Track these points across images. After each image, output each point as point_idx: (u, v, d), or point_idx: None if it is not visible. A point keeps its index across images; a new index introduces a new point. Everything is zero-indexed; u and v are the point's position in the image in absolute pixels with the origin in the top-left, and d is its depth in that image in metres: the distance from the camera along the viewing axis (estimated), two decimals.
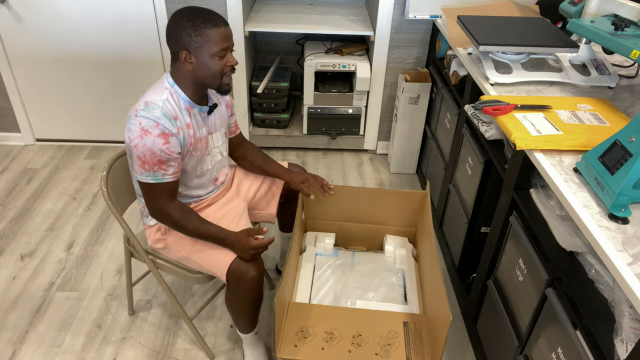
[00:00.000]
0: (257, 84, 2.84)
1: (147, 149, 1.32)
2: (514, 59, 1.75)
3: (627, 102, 1.59)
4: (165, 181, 1.39)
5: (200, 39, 1.32)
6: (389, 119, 2.89)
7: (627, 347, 0.96)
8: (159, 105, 1.34)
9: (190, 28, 1.31)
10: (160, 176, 1.38)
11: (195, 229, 1.45)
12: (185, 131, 1.39)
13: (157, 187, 1.39)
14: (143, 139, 1.32)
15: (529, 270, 1.35)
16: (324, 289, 1.63)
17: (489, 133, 1.61)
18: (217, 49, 1.33)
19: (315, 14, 2.83)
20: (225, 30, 1.34)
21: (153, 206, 1.44)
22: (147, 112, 1.33)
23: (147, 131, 1.32)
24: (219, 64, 1.35)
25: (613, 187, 1.07)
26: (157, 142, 1.32)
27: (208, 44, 1.32)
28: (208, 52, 1.33)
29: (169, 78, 1.40)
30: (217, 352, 1.79)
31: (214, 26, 1.32)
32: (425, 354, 1.41)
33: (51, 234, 2.30)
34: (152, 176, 1.37)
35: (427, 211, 1.68)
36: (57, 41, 2.66)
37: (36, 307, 1.94)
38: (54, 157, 2.86)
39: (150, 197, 1.42)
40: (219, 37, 1.32)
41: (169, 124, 1.34)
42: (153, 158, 1.34)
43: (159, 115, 1.33)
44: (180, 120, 1.37)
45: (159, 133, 1.32)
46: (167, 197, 1.42)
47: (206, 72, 1.36)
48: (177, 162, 1.40)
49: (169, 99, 1.37)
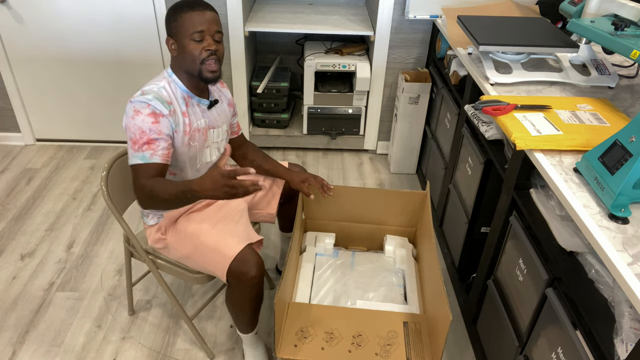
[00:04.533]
0: (257, 84, 2.84)
1: (137, 127, 1.33)
2: (514, 59, 1.75)
3: (627, 102, 1.59)
4: (153, 161, 1.34)
5: (177, 24, 1.36)
6: (389, 119, 2.89)
7: (627, 347, 0.96)
8: (154, 91, 1.38)
9: (171, 14, 1.37)
10: (148, 156, 1.33)
11: (165, 190, 1.29)
12: (179, 117, 1.40)
13: (145, 168, 1.33)
14: (134, 119, 1.34)
15: (529, 270, 1.35)
16: (324, 289, 1.63)
17: (489, 133, 1.61)
18: (192, 30, 1.35)
19: (315, 14, 2.83)
20: (204, 14, 1.36)
21: (136, 186, 1.35)
22: (142, 97, 1.36)
23: (138, 111, 1.34)
24: (197, 47, 1.36)
25: (613, 187, 1.07)
26: (146, 121, 1.33)
27: (183, 27, 1.35)
28: (184, 35, 1.36)
29: (168, 69, 1.45)
30: (217, 352, 1.79)
31: (190, 9, 1.35)
32: (425, 354, 1.41)
33: (51, 234, 2.30)
34: (140, 157, 1.33)
35: (427, 211, 1.68)
36: (57, 41, 2.66)
37: (36, 307, 1.94)
38: (54, 157, 2.86)
39: (137, 180, 1.35)
40: (194, 20, 1.35)
41: (160, 105, 1.36)
42: (142, 137, 1.33)
43: (151, 97, 1.36)
44: (174, 105, 1.40)
45: (149, 112, 1.34)
46: (149, 177, 1.34)
47: (186, 57, 1.38)
48: (166, 142, 1.36)
49: (166, 87, 1.41)
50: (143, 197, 1.35)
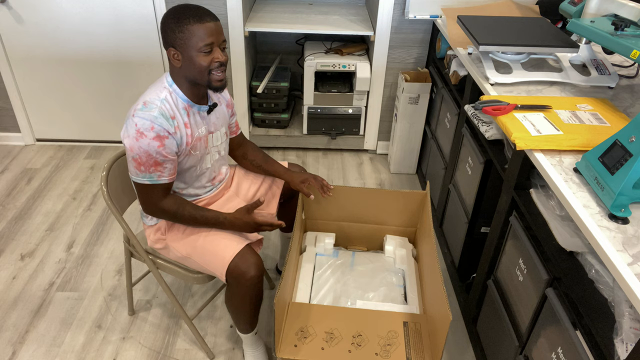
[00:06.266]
0: (257, 84, 2.84)
1: (143, 151, 1.32)
2: (514, 59, 1.75)
3: (627, 102, 1.59)
4: (160, 182, 1.40)
5: (183, 35, 1.31)
6: (389, 119, 2.89)
7: (627, 347, 0.96)
8: (157, 105, 1.34)
9: (175, 25, 1.31)
10: (156, 177, 1.38)
11: (192, 217, 1.46)
12: (182, 130, 1.39)
13: (153, 188, 1.40)
14: (138, 141, 1.32)
15: (529, 270, 1.35)
16: (324, 289, 1.63)
17: (489, 133, 1.61)
18: (202, 44, 1.31)
19: (315, 14, 2.83)
20: (210, 25, 1.32)
21: (148, 204, 1.44)
22: (145, 112, 1.33)
23: (142, 133, 1.31)
24: (205, 59, 1.33)
25: (613, 187, 1.07)
26: (152, 145, 1.32)
27: (192, 40, 1.31)
28: (193, 48, 1.31)
29: (168, 77, 1.41)
30: (217, 352, 1.79)
31: (197, 21, 1.30)
32: (425, 354, 1.41)
33: (51, 234, 2.30)
34: (147, 177, 1.37)
35: (427, 211, 1.68)
36: (57, 41, 2.66)
37: (36, 307, 1.94)
38: (54, 157, 2.86)
39: (145, 197, 1.43)
40: (202, 33, 1.30)
41: (166, 124, 1.33)
42: (149, 160, 1.34)
43: (156, 114, 1.33)
44: (177, 119, 1.37)
45: (154, 136, 1.32)
46: (161, 195, 1.43)
47: (193, 69, 1.35)
48: (173, 163, 1.40)
49: (168, 98, 1.37)
50: (160, 216, 1.48)
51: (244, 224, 1.48)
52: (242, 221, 1.48)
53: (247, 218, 1.48)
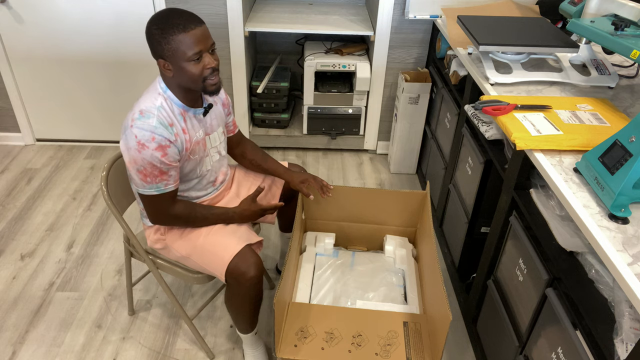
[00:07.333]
0: (257, 84, 2.84)
1: (147, 162, 1.32)
2: (514, 59, 1.75)
3: (627, 102, 1.59)
4: (168, 190, 1.40)
5: (170, 47, 1.26)
6: (389, 119, 2.89)
7: (627, 347, 0.96)
8: (154, 114, 1.32)
9: (160, 36, 1.26)
10: (163, 186, 1.38)
11: (204, 217, 1.50)
12: (181, 137, 1.38)
13: (161, 197, 1.40)
14: (141, 152, 1.31)
15: (529, 270, 1.35)
16: (324, 289, 1.63)
17: (489, 133, 1.61)
18: (190, 53, 1.26)
19: (315, 14, 2.83)
20: (196, 32, 1.26)
21: (159, 215, 1.45)
22: (143, 121, 1.31)
23: (143, 145, 1.30)
24: (197, 68, 1.29)
25: (613, 187, 1.07)
26: (155, 155, 1.31)
27: (179, 51, 1.26)
28: (181, 58, 1.27)
29: (161, 83, 1.38)
30: (217, 352, 1.79)
31: (182, 30, 1.25)
32: (425, 354, 1.41)
33: (51, 234, 2.30)
34: (155, 188, 1.37)
35: (427, 211, 1.67)
36: (57, 41, 2.66)
37: (36, 307, 1.94)
38: (54, 157, 2.86)
39: (154, 208, 1.43)
40: (189, 42, 1.26)
41: (166, 132, 1.32)
42: (154, 170, 1.34)
43: (155, 124, 1.31)
44: (176, 126, 1.36)
45: (156, 146, 1.31)
46: (171, 202, 1.44)
47: (186, 78, 1.31)
48: (176, 170, 1.41)
49: (164, 105, 1.35)
50: (172, 223, 1.50)
51: (252, 212, 1.57)
52: (250, 210, 1.57)
53: (254, 207, 1.58)
